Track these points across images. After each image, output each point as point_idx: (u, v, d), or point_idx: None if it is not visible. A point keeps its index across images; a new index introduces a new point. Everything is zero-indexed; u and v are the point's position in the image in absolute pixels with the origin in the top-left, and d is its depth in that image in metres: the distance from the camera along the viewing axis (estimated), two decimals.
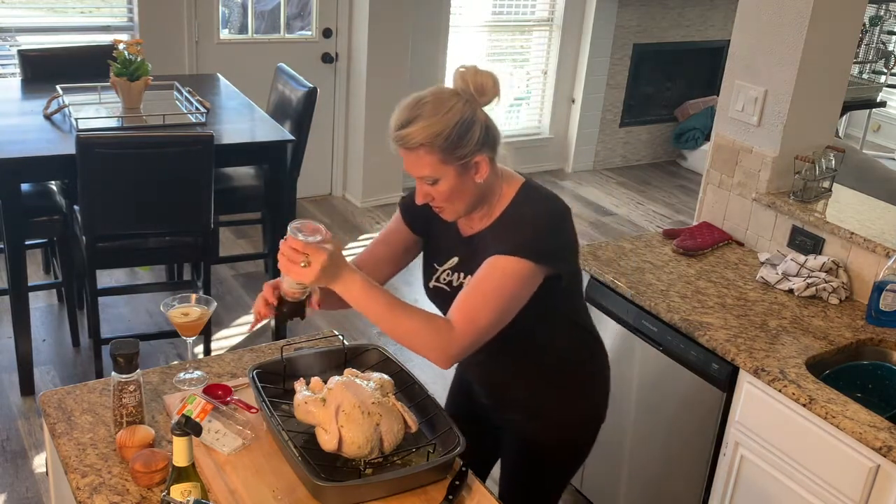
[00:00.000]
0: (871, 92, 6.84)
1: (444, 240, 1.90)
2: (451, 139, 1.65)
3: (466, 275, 1.83)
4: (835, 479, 2.08)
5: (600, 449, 2.85)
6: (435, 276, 1.91)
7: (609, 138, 6.64)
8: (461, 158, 1.68)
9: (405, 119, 1.66)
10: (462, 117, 1.66)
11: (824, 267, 2.63)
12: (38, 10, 4.66)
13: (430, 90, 1.70)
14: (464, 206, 1.76)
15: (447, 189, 1.71)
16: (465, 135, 1.66)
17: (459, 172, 1.70)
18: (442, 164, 1.68)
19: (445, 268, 1.89)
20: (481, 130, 1.69)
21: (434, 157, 1.67)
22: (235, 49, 5.04)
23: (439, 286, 1.90)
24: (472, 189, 1.74)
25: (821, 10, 2.66)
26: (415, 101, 1.68)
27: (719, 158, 3.02)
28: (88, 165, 3.07)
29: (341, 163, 5.61)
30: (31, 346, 3.40)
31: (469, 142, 1.67)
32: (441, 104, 1.66)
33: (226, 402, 1.86)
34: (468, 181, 1.72)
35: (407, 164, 1.71)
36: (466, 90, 1.68)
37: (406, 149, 1.68)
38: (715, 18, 6.61)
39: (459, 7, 5.71)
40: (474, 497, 1.68)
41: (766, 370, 2.20)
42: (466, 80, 1.67)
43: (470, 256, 1.82)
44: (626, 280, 2.65)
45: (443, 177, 1.69)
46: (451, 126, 1.65)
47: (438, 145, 1.65)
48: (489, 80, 1.68)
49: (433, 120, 1.64)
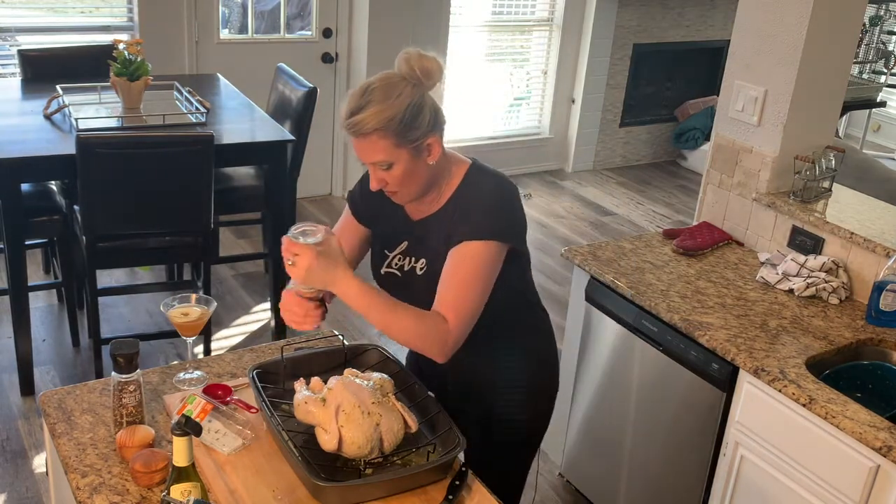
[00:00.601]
0: (871, 92, 6.84)
1: (391, 226, 1.94)
2: (403, 123, 1.69)
3: (418, 258, 1.87)
4: (835, 479, 2.08)
5: (600, 449, 2.86)
6: (386, 262, 1.94)
7: (609, 138, 6.64)
8: (413, 141, 1.72)
9: (356, 106, 1.69)
10: (412, 101, 1.70)
11: (824, 267, 2.63)
12: (38, 10, 4.66)
13: (378, 76, 1.73)
14: (417, 189, 1.80)
15: (401, 173, 1.74)
16: (416, 118, 1.70)
17: (412, 155, 1.73)
18: (395, 148, 1.71)
19: (396, 253, 1.92)
20: (431, 113, 1.73)
21: (387, 141, 1.70)
22: (235, 49, 5.04)
23: (391, 271, 1.93)
24: (424, 171, 1.77)
25: (821, 10, 2.66)
26: (363, 88, 1.71)
27: (719, 158, 3.02)
28: (88, 165, 3.07)
29: (341, 163, 5.61)
30: (31, 346, 3.40)
31: (420, 124, 1.71)
32: (391, 89, 1.69)
33: (226, 402, 1.86)
34: (421, 164, 1.76)
35: (359, 151, 1.74)
36: (413, 74, 1.71)
37: (359, 135, 1.70)
38: (715, 18, 6.61)
39: (459, 7, 5.71)
40: (474, 497, 1.68)
41: (766, 370, 2.20)
42: (412, 64, 1.71)
43: (420, 239, 1.87)
44: (626, 280, 2.65)
45: (396, 161, 1.72)
46: (403, 110, 1.69)
47: (392, 129, 1.69)
48: (434, 64, 1.72)
49: (384, 105, 1.68)
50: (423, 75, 1.71)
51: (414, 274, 1.88)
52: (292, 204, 4.07)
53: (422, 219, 1.88)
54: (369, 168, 1.77)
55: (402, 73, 1.72)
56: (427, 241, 1.85)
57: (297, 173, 3.99)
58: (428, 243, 1.85)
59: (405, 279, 1.89)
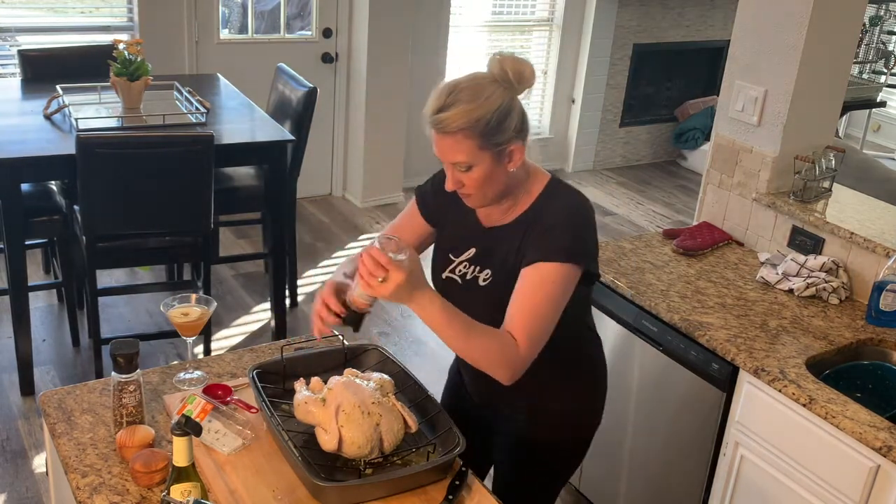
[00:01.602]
0: (871, 92, 6.85)
1: (461, 230, 1.88)
2: (490, 125, 1.64)
3: (482, 269, 1.81)
4: (835, 479, 2.08)
5: (600, 449, 2.85)
6: (449, 267, 1.88)
7: (609, 138, 6.64)
8: (498, 145, 1.67)
9: (444, 104, 1.64)
10: (502, 104, 1.65)
11: (824, 267, 2.63)
12: (38, 10, 4.66)
13: (468, 76, 1.68)
14: (493, 195, 1.75)
15: (480, 176, 1.70)
16: (503, 121, 1.66)
17: (494, 160, 1.69)
18: (479, 150, 1.66)
19: (462, 259, 1.86)
20: (518, 118, 1.69)
21: (472, 142, 1.65)
22: (235, 49, 5.04)
23: (452, 278, 1.87)
24: (503, 178, 1.72)
25: (821, 10, 2.66)
26: (452, 85, 1.66)
27: (719, 158, 3.02)
28: (88, 165, 3.07)
29: (341, 163, 5.61)
30: (31, 346, 3.40)
31: (507, 128, 1.67)
32: (481, 90, 1.65)
33: (226, 402, 1.86)
34: (501, 169, 1.71)
35: (441, 148, 1.69)
36: (505, 77, 1.66)
37: (443, 133, 1.66)
38: (715, 18, 6.61)
39: (459, 7, 5.70)
40: (474, 497, 1.68)
41: (766, 370, 2.20)
42: (505, 67, 1.66)
43: (489, 248, 1.81)
44: (626, 280, 2.65)
45: (477, 163, 1.68)
46: (492, 112, 1.64)
47: (478, 131, 1.64)
48: (527, 68, 1.69)
49: (473, 105, 1.63)
50: (516, 78, 1.67)
51: (476, 284, 1.82)
52: (292, 204, 4.07)
53: (493, 227, 1.83)
54: (447, 167, 1.73)
55: (493, 74, 1.67)
56: (495, 252, 1.79)
57: (297, 173, 3.99)
58: (496, 254, 1.79)
59: (466, 287, 1.83)
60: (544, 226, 1.73)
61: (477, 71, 1.70)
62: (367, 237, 5.09)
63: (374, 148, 5.39)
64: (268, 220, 4.06)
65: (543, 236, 1.72)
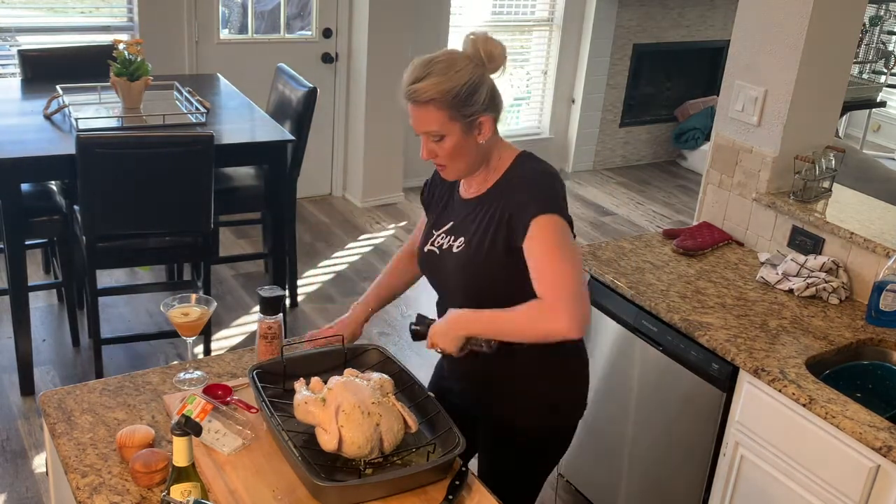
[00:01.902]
0: (871, 92, 6.85)
1: (445, 207, 1.99)
2: (459, 97, 1.75)
3: (457, 237, 1.90)
4: (835, 479, 2.08)
5: (600, 449, 2.86)
6: (430, 240, 1.97)
7: (609, 138, 6.64)
8: (467, 117, 1.78)
9: (418, 75, 1.77)
10: (471, 78, 1.76)
11: (824, 267, 2.63)
12: (38, 10, 4.66)
13: (443, 51, 1.81)
14: (465, 166, 1.85)
15: (451, 146, 1.80)
16: (472, 94, 1.76)
17: (464, 130, 1.79)
18: (449, 120, 1.77)
19: (441, 231, 1.95)
20: (487, 93, 1.79)
21: (442, 113, 1.76)
22: (235, 49, 5.04)
23: (431, 249, 1.96)
24: (473, 149, 1.83)
25: (821, 11, 2.66)
26: (428, 59, 1.79)
27: (719, 158, 3.02)
28: (88, 165, 3.07)
29: (341, 163, 5.61)
30: (31, 346, 3.40)
31: (476, 101, 1.77)
32: (453, 64, 1.76)
33: (226, 402, 1.86)
34: (471, 140, 1.81)
35: (414, 119, 1.80)
36: (477, 55, 1.78)
37: (416, 103, 1.78)
38: (715, 18, 6.61)
39: (459, 7, 5.71)
40: (474, 497, 1.68)
41: (766, 370, 2.20)
42: (477, 46, 1.78)
43: (465, 218, 1.90)
44: (626, 280, 2.65)
45: (448, 133, 1.78)
46: (461, 85, 1.75)
47: (447, 102, 1.75)
48: (498, 49, 1.79)
49: (444, 77, 1.75)
50: (487, 57, 1.77)
51: (450, 252, 1.91)
52: (292, 204, 4.07)
53: (470, 198, 1.92)
54: (422, 138, 1.83)
55: (466, 52, 1.79)
56: (470, 221, 1.89)
57: (297, 173, 3.99)
58: (470, 223, 1.88)
59: (441, 256, 1.93)
60: (518, 196, 1.82)
61: (453, 48, 1.83)
62: (368, 237, 5.09)
63: (374, 148, 5.39)
64: (268, 220, 4.06)
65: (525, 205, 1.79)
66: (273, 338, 1.97)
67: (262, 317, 1.96)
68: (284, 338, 2.01)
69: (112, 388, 1.92)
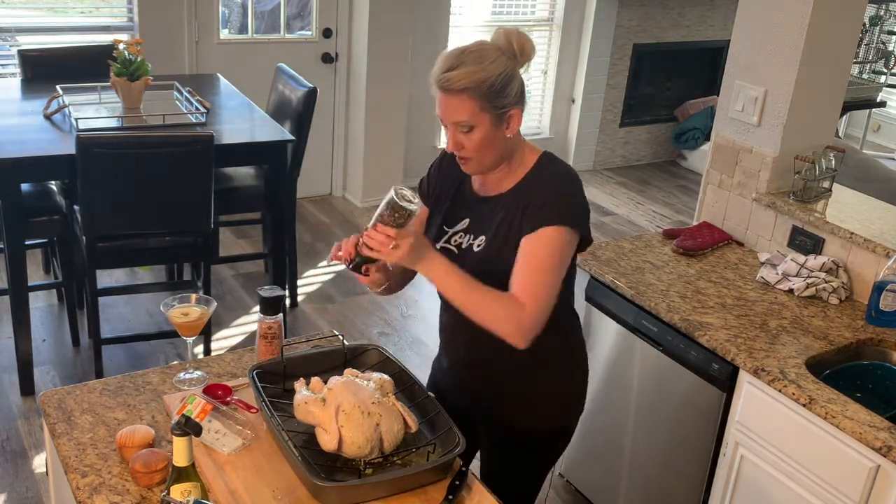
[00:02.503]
0: (871, 92, 6.84)
1: (454, 203, 1.94)
2: (493, 88, 1.72)
3: (477, 236, 1.86)
4: (835, 479, 2.08)
5: (600, 449, 2.86)
6: (444, 237, 1.93)
7: (609, 138, 6.64)
8: (498, 108, 1.75)
9: (451, 64, 1.73)
10: (505, 69, 1.74)
11: (824, 267, 2.63)
12: (38, 10, 4.66)
13: (475, 42, 1.77)
14: (490, 160, 1.81)
15: (480, 138, 1.76)
16: (506, 86, 1.74)
17: (494, 123, 1.76)
18: (480, 111, 1.73)
19: (457, 230, 1.91)
20: (518, 86, 1.78)
21: (475, 103, 1.72)
22: (235, 49, 5.04)
23: (448, 247, 1.92)
24: (501, 142, 1.79)
25: (821, 11, 2.66)
26: (460, 50, 1.75)
27: (719, 158, 3.02)
28: (88, 165, 3.07)
29: (341, 163, 5.61)
30: (31, 346, 3.40)
31: (509, 94, 1.75)
32: (486, 55, 1.74)
33: (226, 402, 1.86)
34: (500, 134, 1.78)
35: (444, 108, 1.76)
36: (509, 48, 1.76)
37: (448, 92, 1.73)
38: (715, 18, 6.61)
39: (459, 7, 5.70)
40: (474, 497, 1.68)
41: (766, 370, 2.20)
42: (510, 38, 1.76)
43: (483, 217, 1.87)
44: (626, 280, 2.65)
45: (478, 125, 1.75)
46: (496, 75, 1.72)
47: (481, 92, 1.72)
48: (529, 43, 1.78)
49: (479, 67, 1.72)
50: (519, 50, 1.76)
51: (471, 251, 1.87)
52: (292, 204, 4.07)
53: (488, 196, 1.88)
54: (449, 129, 1.78)
55: (498, 44, 1.76)
56: (490, 220, 1.85)
57: (297, 173, 3.99)
58: (490, 222, 1.85)
59: (461, 256, 1.88)
60: (540, 196, 1.79)
61: (483, 39, 1.80)
62: None
63: (374, 148, 5.39)
64: (268, 220, 4.06)
65: (542, 205, 1.78)
66: (273, 338, 1.97)
67: (262, 317, 1.96)
68: (284, 338, 2.01)
69: (112, 388, 1.92)
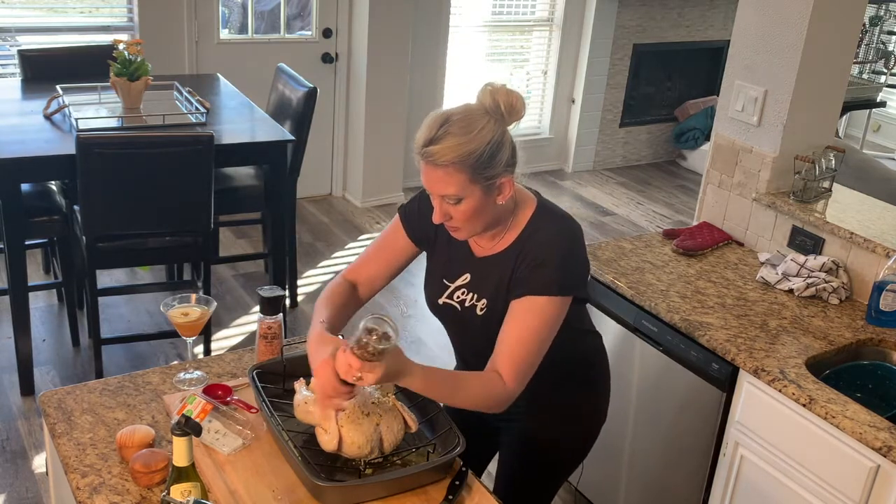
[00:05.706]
0: (871, 92, 6.84)
1: (452, 255, 1.87)
2: (482, 159, 1.61)
3: (479, 297, 1.81)
4: (835, 479, 2.08)
5: (600, 449, 2.85)
6: (446, 293, 1.87)
7: (609, 138, 6.64)
8: (488, 179, 1.64)
9: (434, 135, 1.61)
10: (493, 137, 1.62)
11: (824, 267, 2.63)
12: (38, 10, 4.66)
13: (459, 107, 1.65)
14: (480, 227, 1.73)
15: (469, 209, 1.67)
16: (495, 155, 1.63)
17: (484, 193, 1.66)
18: (469, 183, 1.63)
19: (459, 285, 1.85)
20: (509, 151, 1.66)
21: (462, 175, 1.62)
22: (235, 49, 5.04)
23: (451, 304, 1.86)
24: (491, 210, 1.70)
25: (821, 10, 2.66)
26: (443, 116, 1.63)
27: (719, 158, 3.02)
28: (88, 165, 3.07)
29: (341, 163, 5.61)
30: (31, 346, 3.40)
31: (499, 162, 1.64)
32: (472, 122, 1.62)
33: (226, 402, 1.86)
34: (490, 202, 1.69)
35: (430, 181, 1.65)
36: (496, 109, 1.63)
37: (433, 165, 1.62)
38: (715, 18, 6.61)
39: (459, 7, 5.70)
40: (474, 497, 1.68)
41: (766, 370, 2.20)
42: (497, 98, 1.63)
43: (483, 276, 1.81)
44: (626, 280, 2.65)
45: (467, 196, 1.65)
46: (484, 145, 1.61)
47: (469, 164, 1.61)
48: (518, 101, 1.65)
49: (466, 138, 1.60)
50: (507, 111, 1.63)
51: (474, 312, 1.82)
52: (292, 204, 4.07)
53: (484, 256, 1.81)
54: (435, 199, 1.69)
55: (485, 106, 1.64)
56: (489, 280, 1.79)
57: (297, 173, 3.99)
58: (490, 282, 1.79)
59: (464, 315, 1.83)
60: (534, 259, 1.72)
61: (468, 102, 1.67)
62: (368, 237, 5.09)
63: (374, 148, 5.39)
64: (268, 220, 4.06)
65: (533, 270, 1.71)
66: (273, 338, 1.97)
67: (262, 317, 1.96)
68: (284, 338, 2.01)
69: (112, 388, 1.92)
